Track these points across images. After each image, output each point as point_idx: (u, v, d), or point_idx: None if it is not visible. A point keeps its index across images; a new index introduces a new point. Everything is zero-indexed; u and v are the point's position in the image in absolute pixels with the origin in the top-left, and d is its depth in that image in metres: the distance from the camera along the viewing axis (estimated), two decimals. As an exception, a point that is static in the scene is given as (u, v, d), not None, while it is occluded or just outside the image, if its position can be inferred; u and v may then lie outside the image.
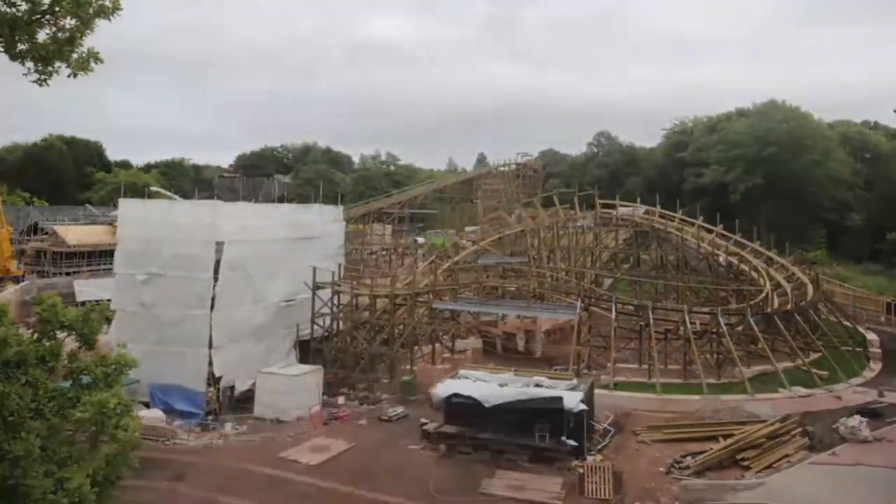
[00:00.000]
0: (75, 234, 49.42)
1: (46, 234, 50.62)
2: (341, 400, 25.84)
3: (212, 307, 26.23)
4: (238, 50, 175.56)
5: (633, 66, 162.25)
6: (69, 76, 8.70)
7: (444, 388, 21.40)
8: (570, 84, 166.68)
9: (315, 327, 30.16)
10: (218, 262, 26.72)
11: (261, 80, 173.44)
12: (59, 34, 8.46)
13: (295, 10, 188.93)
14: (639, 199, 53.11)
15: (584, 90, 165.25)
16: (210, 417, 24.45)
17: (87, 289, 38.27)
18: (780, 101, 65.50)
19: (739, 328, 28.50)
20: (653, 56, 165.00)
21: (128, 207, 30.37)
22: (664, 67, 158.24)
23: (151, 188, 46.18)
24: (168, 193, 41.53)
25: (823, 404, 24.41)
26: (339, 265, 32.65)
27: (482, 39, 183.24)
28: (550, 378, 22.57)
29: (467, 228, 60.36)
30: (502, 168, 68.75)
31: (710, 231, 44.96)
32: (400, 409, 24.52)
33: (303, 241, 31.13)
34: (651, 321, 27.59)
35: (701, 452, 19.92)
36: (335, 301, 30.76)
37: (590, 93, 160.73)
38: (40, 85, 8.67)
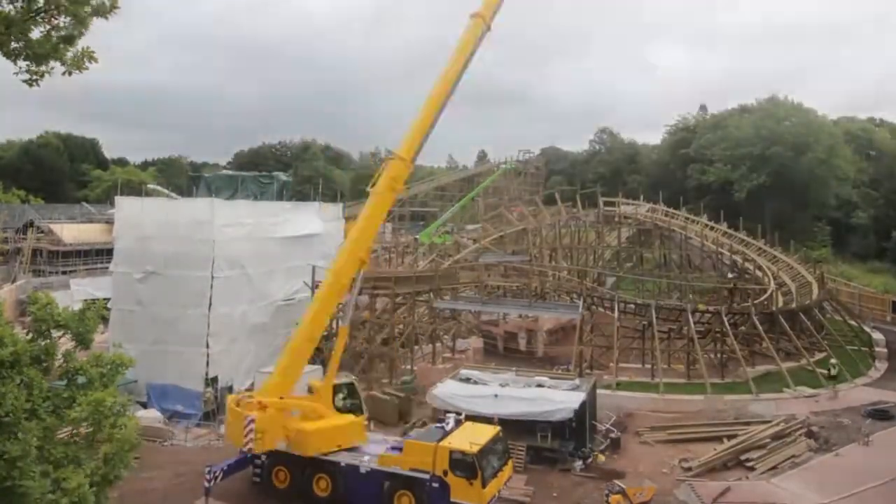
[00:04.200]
0: (71, 232, 49.12)
1: (42, 232, 50.30)
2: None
3: (209, 306, 25.92)
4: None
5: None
6: (63, 74, 8.64)
7: (443, 389, 21.09)
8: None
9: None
10: (215, 261, 26.38)
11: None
12: (54, 32, 8.44)
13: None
14: (642, 197, 52.87)
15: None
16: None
17: (83, 287, 37.95)
18: (783, 97, 65.39)
19: (743, 327, 28.22)
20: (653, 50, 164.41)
21: (125, 205, 30.04)
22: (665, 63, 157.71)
23: (149, 186, 45.83)
24: (165, 191, 41.20)
25: (828, 404, 24.16)
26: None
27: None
28: (552, 378, 22.28)
29: (468, 226, 60.13)
30: (504, 165, 68.47)
31: (713, 229, 44.72)
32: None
33: (302, 240, 30.82)
34: (654, 320, 27.28)
35: (705, 453, 19.66)
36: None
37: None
38: (30, 85, 8.58)
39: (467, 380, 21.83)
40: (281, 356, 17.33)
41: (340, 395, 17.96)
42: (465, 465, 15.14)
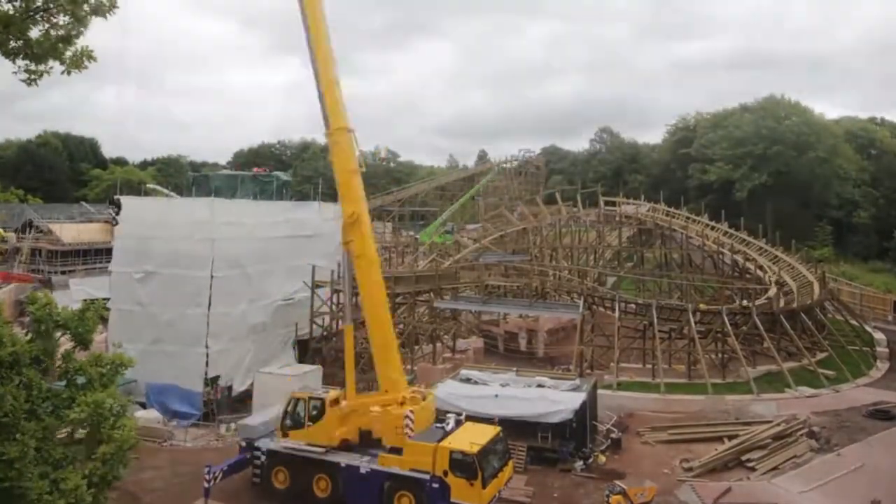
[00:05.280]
0: (70, 231, 49.02)
1: (41, 232, 50.24)
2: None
3: (209, 306, 25.84)
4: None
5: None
6: (62, 73, 8.66)
7: (443, 389, 21.01)
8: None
9: (314, 326, 29.78)
10: (215, 260, 26.29)
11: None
12: (52, 31, 8.42)
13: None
14: (643, 196, 52.76)
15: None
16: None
17: (82, 287, 37.86)
18: (781, 95, 65.33)
19: (745, 327, 28.13)
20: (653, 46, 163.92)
21: (124, 205, 29.94)
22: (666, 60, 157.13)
23: (148, 185, 45.78)
24: (165, 191, 41.15)
25: (830, 404, 24.09)
26: (339, 263, 32.25)
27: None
28: (553, 378, 22.21)
29: (469, 226, 60.11)
30: (504, 165, 68.36)
31: (714, 228, 44.62)
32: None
33: (301, 239, 30.75)
34: (655, 320, 27.21)
35: (706, 454, 19.60)
36: (334, 300, 30.40)
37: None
38: (29, 84, 8.57)
39: (468, 380, 21.78)
40: (380, 356, 17.08)
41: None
42: (466, 466, 15.08)
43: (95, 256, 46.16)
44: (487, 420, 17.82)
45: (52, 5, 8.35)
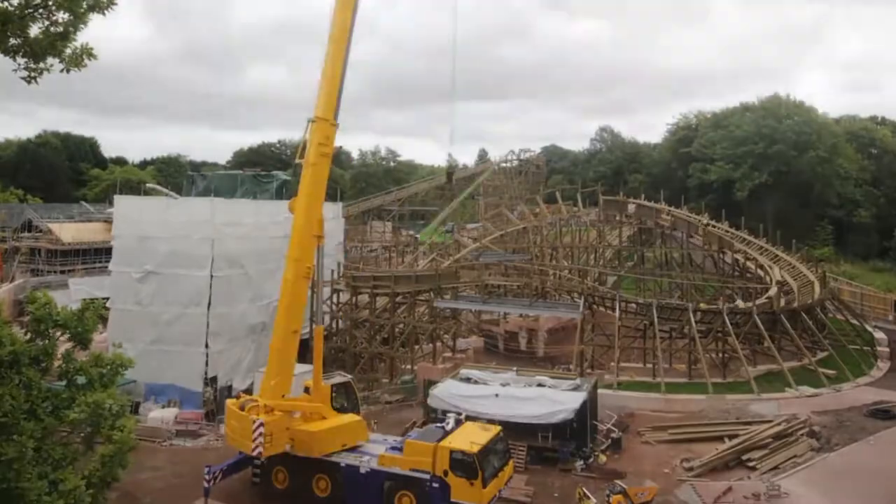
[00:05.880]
0: (70, 231, 48.97)
1: (41, 231, 50.21)
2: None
3: (209, 305, 25.82)
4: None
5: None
6: (62, 71, 8.54)
7: (444, 388, 20.99)
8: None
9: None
10: (214, 260, 26.28)
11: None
12: (52, 28, 8.33)
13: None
14: (643, 196, 52.69)
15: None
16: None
17: (81, 287, 37.83)
18: (784, 95, 65.27)
19: (745, 327, 28.09)
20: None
21: (123, 204, 29.95)
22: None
23: (148, 185, 45.74)
24: (164, 190, 41.12)
25: (831, 404, 24.05)
26: (339, 263, 32.28)
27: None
28: (553, 378, 22.18)
29: (468, 225, 60.10)
30: (504, 164, 68.30)
31: (715, 227, 44.53)
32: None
33: (301, 238, 30.65)
34: (655, 319, 27.17)
35: (706, 453, 19.57)
36: (334, 300, 30.39)
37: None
38: (29, 82, 8.52)
39: (468, 379, 21.74)
40: (270, 359, 17.07)
41: (336, 395, 17.93)
42: (466, 466, 15.05)
43: (95, 256, 46.11)
44: (487, 420, 17.80)
45: (50, 2, 8.28)
